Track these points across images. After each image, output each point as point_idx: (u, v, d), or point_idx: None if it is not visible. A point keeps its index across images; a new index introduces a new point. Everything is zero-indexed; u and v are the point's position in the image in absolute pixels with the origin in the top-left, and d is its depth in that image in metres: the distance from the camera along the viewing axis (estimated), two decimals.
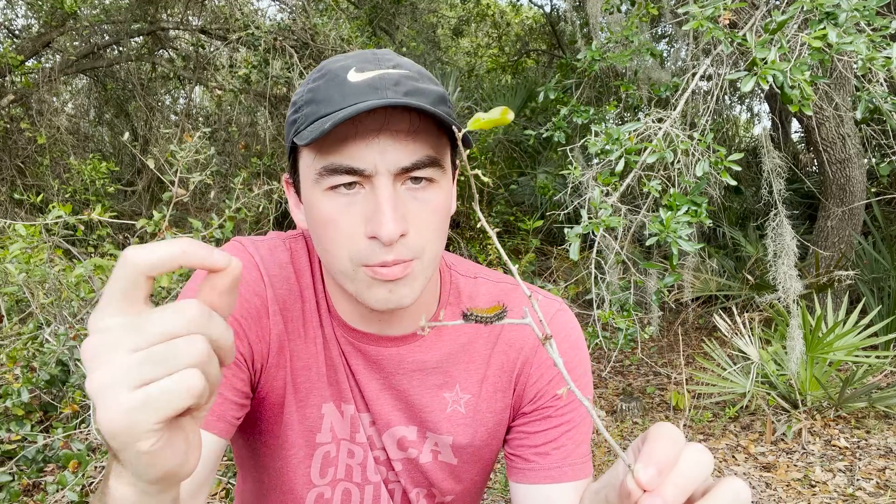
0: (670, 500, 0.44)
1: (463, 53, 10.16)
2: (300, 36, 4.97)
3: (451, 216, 0.77)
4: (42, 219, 2.28)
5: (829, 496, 2.74)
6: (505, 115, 0.48)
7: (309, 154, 0.70)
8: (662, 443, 0.46)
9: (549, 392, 0.84)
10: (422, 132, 0.68)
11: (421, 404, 0.84)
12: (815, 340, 3.40)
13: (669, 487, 0.45)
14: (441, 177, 0.71)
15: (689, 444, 0.47)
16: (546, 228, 5.47)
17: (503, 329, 0.86)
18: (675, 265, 2.58)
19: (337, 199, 0.69)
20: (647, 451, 0.46)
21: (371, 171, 0.67)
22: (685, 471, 0.46)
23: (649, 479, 0.45)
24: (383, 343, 0.82)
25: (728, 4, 2.45)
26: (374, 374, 0.83)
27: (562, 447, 0.83)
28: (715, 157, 2.54)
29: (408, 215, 0.69)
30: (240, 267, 0.46)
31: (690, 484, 0.45)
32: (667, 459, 0.46)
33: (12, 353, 2.13)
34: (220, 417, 0.73)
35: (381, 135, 0.66)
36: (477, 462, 0.89)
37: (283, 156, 6.09)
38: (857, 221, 4.45)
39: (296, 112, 0.72)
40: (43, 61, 5.86)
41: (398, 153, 0.67)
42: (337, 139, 0.66)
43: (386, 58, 0.71)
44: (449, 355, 0.85)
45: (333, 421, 0.83)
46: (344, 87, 0.67)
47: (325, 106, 0.67)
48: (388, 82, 0.67)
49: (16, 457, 1.98)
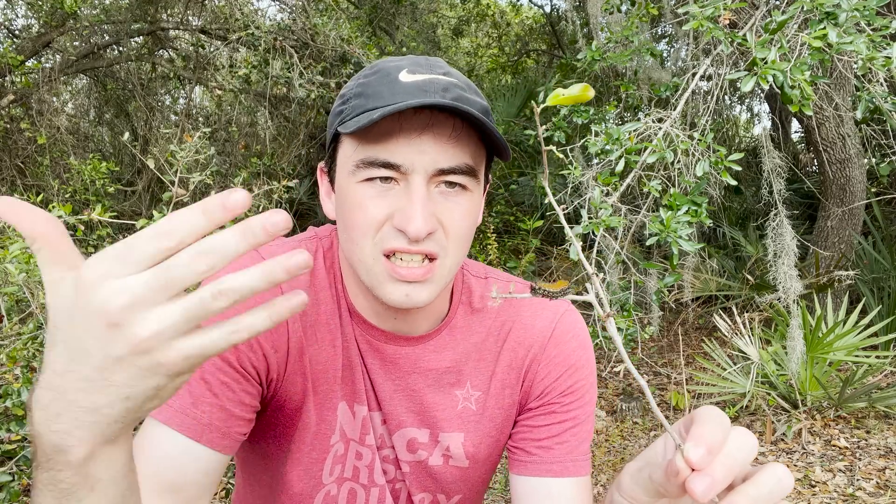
0: (719, 479, 0.46)
1: (463, 53, 10.16)
2: (300, 36, 4.97)
3: (475, 229, 0.78)
4: None
5: (829, 496, 2.74)
6: (585, 91, 0.48)
7: (350, 144, 0.71)
8: (711, 425, 0.48)
9: (556, 389, 0.85)
10: (463, 139, 0.69)
11: (433, 404, 0.85)
12: (815, 340, 3.39)
13: (718, 467, 0.46)
14: (475, 187, 0.73)
15: (735, 427, 0.49)
16: (546, 228, 5.47)
17: (512, 327, 0.87)
18: (675, 265, 2.58)
19: (370, 189, 0.70)
20: (698, 432, 0.47)
21: (408, 169, 0.68)
22: (733, 452, 0.47)
23: (699, 458, 0.46)
24: (400, 342, 0.82)
25: (728, 4, 2.45)
26: (390, 373, 0.83)
27: (565, 443, 0.84)
28: (715, 157, 2.54)
29: (439, 215, 0.70)
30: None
31: (737, 465, 0.47)
32: (715, 440, 0.47)
33: (12, 353, 2.13)
34: (224, 434, 0.72)
35: (423, 135, 0.68)
36: (486, 461, 0.90)
37: (283, 156, 6.09)
38: (857, 221, 4.45)
39: (343, 104, 0.74)
40: (43, 61, 5.86)
41: (438, 155, 0.68)
42: (380, 133, 0.68)
43: (438, 65, 0.74)
44: (462, 354, 0.85)
45: (343, 421, 0.83)
46: (395, 85, 0.69)
47: (373, 100, 0.69)
48: (437, 87, 0.69)
49: (16, 457, 1.98)
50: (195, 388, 0.71)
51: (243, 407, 0.74)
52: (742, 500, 0.46)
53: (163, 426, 0.69)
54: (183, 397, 0.70)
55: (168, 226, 0.38)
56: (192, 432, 0.69)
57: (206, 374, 0.71)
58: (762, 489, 0.46)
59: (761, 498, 0.46)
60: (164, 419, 0.69)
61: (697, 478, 0.46)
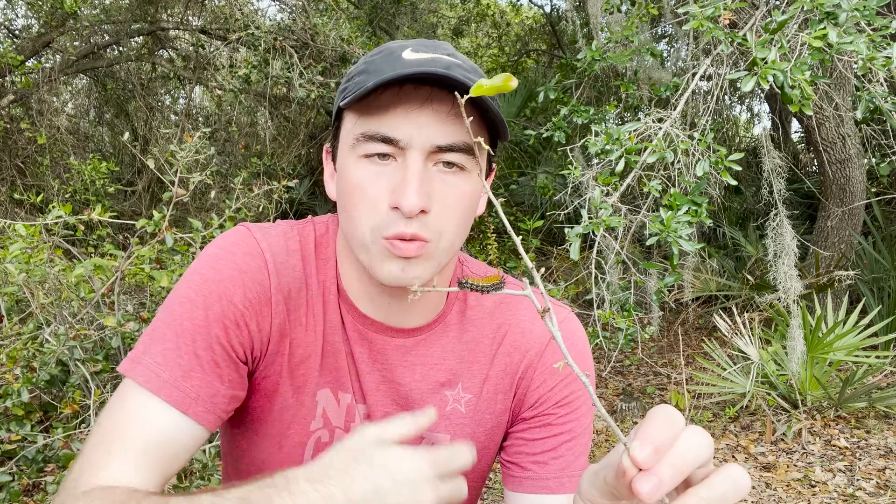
0: (666, 480, 0.43)
1: (463, 53, 10.15)
2: (300, 36, 4.97)
3: (475, 215, 0.77)
4: (42, 219, 2.28)
5: (829, 496, 2.74)
6: (508, 81, 0.47)
7: (351, 118, 0.72)
8: (660, 423, 0.45)
9: (551, 399, 0.83)
10: (462, 118, 0.68)
11: (419, 401, 0.83)
12: (816, 340, 3.39)
13: (665, 467, 0.44)
14: (473, 167, 0.72)
15: (689, 426, 0.46)
16: (546, 228, 5.47)
17: (509, 330, 0.85)
18: (675, 265, 2.58)
19: (369, 168, 0.70)
20: (645, 430, 0.45)
21: (406, 144, 0.68)
22: (682, 452, 0.44)
23: (645, 457, 0.44)
24: (391, 333, 0.81)
25: (728, 4, 2.45)
26: (376, 364, 0.82)
27: (560, 457, 0.82)
28: (715, 157, 2.54)
29: (433, 194, 0.69)
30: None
31: (687, 466, 0.44)
32: (664, 439, 0.45)
33: (12, 353, 2.13)
34: (210, 410, 0.72)
35: (423, 109, 0.67)
36: (474, 469, 0.88)
37: (283, 155, 6.10)
38: (857, 221, 4.45)
39: (347, 81, 0.74)
40: (43, 61, 5.86)
41: (436, 131, 0.68)
42: (380, 106, 0.68)
43: (443, 47, 0.74)
44: (455, 353, 0.84)
45: (327, 407, 0.82)
46: (397, 62, 0.69)
47: (374, 76, 0.68)
48: (440, 64, 0.68)
49: (16, 457, 1.98)
50: (186, 362, 0.72)
51: (231, 383, 0.75)
52: (692, 502, 0.44)
53: (151, 395, 0.70)
54: (173, 370, 0.71)
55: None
56: (180, 404, 0.70)
57: (198, 349, 0.72)
58: (715, 491, 0.44)
59: (713, 500, 0.44)
60: (154, 388, 0.70)
61: (643, 478, 0.43)
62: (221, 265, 0.76)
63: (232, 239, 0.79)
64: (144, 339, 0.74)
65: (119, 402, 0.72)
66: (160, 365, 0.71)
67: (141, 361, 0.72)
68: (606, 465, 0.50)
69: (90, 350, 2.19)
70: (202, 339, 0.73)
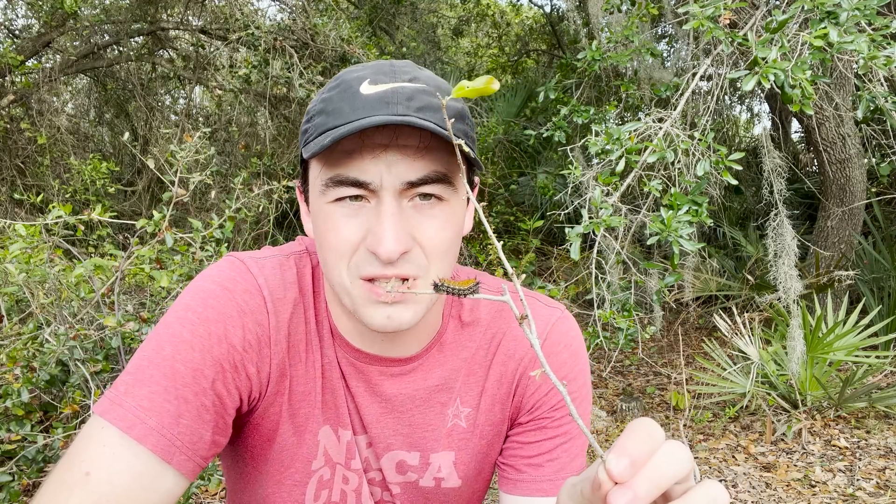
0: (641, 494, 0.42)
1: (463, 53, 10.16)
2: (300, 36, 4.97)
3: (462, 237, 0.74)
4: (42, 219, 2.28)
5: (829, 496, 2.74)
6: (489, 84, 0.46)
7: (316, 165, 0.69)
8: (638, 436, 0.44)
9: (547, 403, 0.82)
10: (433, 149, 0.66)
11: (423, 425, 0.82)
12: (816, 340, 3.39)
13: (642, 481, 0.42)
14: (451, 195, 0.69)
15: (668, 440, 0.45)
16: (546, 228, 5.47)
17: (503, 339, 0.84)
18: (675, 265, 2.58)
19: (341, 210, 0.67)
20: (621, 443, 0.44)
21: (377, 186, 0.65)
22: (660, 466, 0.43)
23: (621, 470, 0.42)
24: (385, 364, 0.79)
25: (728, 4, 2.45)
26: (375, 396, 0.80)
27: (556, 459, 0.81)
28: (715, 157, 2.54)
29: (414, 231, 0.67)
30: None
31: (665, 480, 0.43)
32: (641, 453, 0.43)
33: (12, 353, 2.13)
34: (191, 458, 0.68)
35: (388, 150, 0.65)
36: (478, 477, 0.88)
37: (283, 155, 6.09)
38: (857, 221, 4.45)
39: (308, 122, 0.71)
40: (43, 61, 5.86)
41: (406, 168, 0.65)
42: (344, 152, 0.65)
43: (403, 70, 0.69)
44: (452, 371, 0.83)
45: (328, 445, 0.81)
46: (355, 99, 0.65)
47: (334, 118, 0.66)
48: (400, 97, 0.65)
49: (16, 457, 1.98)
50: (175, 408, 0.67)
51: (216, 430, 0.70)
52: None
53: (132, 442, 0.65)
54: (161, 416, 0.66)
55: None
56: (164, 453, 0.66)
57: (188, 394, 0.68)
58: None
59: None
60: (138, 436, 0.65)
61: (618, 491, 0.42)
62: (220, 304, 0.72)
63: (227, 274, 0.75)
64: (126, 378, 0.68)
65: (90, 444, 0.65)
66: (146, 410, 0.66)
67: (122, 404, 0.66)
68: (584, 479, 0.49)
69: (90, 350, 2.18)
70: (195, 383, 0.68)
